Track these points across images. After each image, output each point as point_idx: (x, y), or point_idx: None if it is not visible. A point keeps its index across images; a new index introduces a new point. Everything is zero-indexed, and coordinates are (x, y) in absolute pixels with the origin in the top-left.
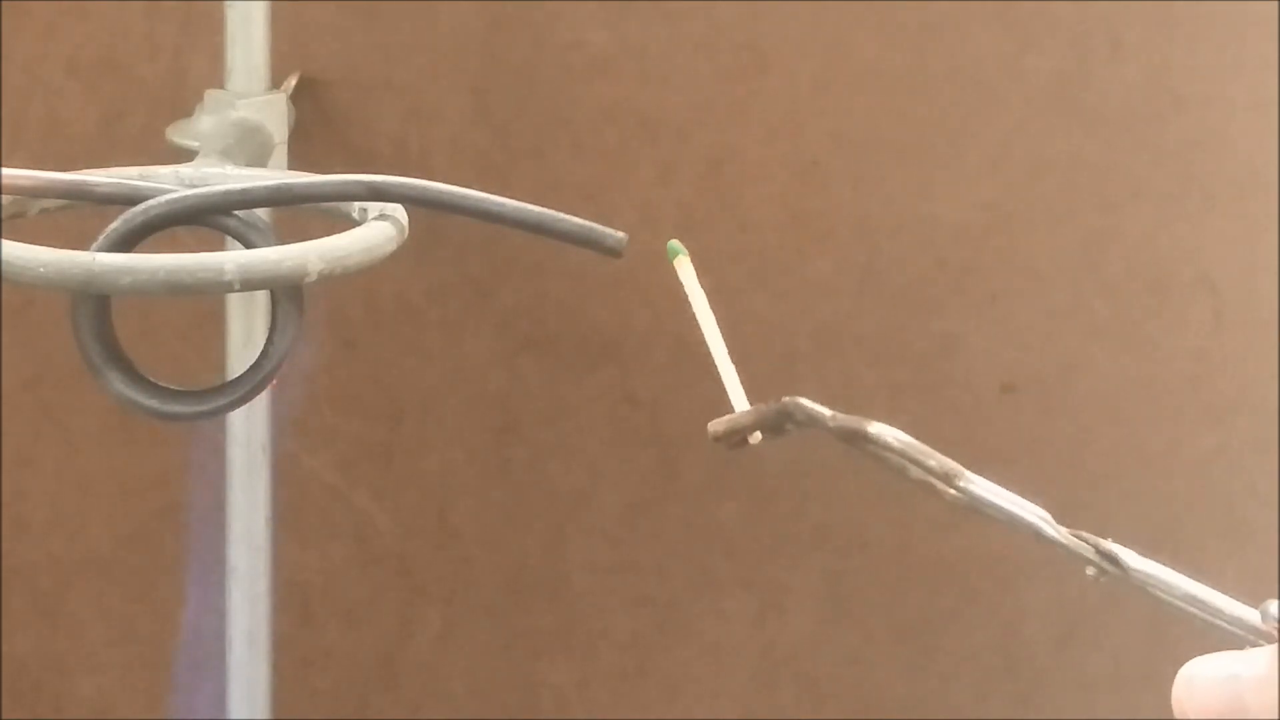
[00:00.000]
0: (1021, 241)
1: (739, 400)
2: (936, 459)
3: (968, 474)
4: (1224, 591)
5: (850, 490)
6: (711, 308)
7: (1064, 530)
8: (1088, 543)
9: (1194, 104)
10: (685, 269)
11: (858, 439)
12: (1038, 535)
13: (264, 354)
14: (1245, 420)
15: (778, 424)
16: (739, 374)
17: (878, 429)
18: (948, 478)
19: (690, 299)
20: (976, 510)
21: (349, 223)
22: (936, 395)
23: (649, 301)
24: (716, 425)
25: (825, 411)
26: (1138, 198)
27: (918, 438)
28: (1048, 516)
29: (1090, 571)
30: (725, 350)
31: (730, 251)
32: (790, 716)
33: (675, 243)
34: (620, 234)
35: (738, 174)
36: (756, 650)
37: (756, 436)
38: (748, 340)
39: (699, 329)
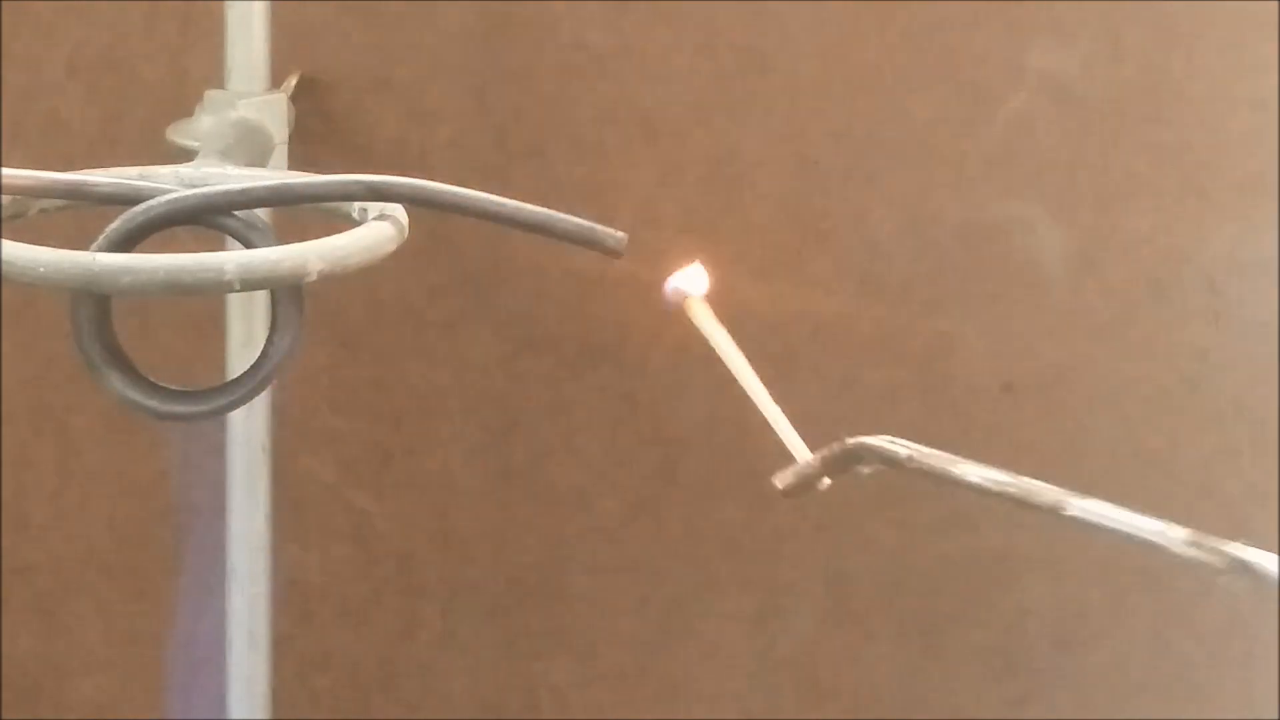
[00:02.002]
0: (1021, 241)
1: (799, 449)
2: (1041, 495)
3: (1071, 502)
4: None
5: (850, 490)
6: (709, 306)
7: (1188, 536)
8: (1215, 551)
9: (1194, 104)
10: (700, 312)
11: (945, 481)
12: (1160, 549)
13: (264, 354)
14: (1245, 420)
15: (845, 466)
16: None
17: (965, 470)
18: (1055, 510)
19: (717, 347)
20: (1089, 531)
21: (349, 223)
22: (936, 395)
23: (649, 301)
24: (784, 479)
25: (901, 451)
26: (1138, 198)
27: (918, 438)
28: (1167, 528)
29: (1223, 581)
30: (767, 395)
31: (730, 251)
32: (790, 716)
33: (682, 284)
34: (620, 234)
35: (738, 174)
36: (756, 650)
37: (825, 483)
38: (747, 340)
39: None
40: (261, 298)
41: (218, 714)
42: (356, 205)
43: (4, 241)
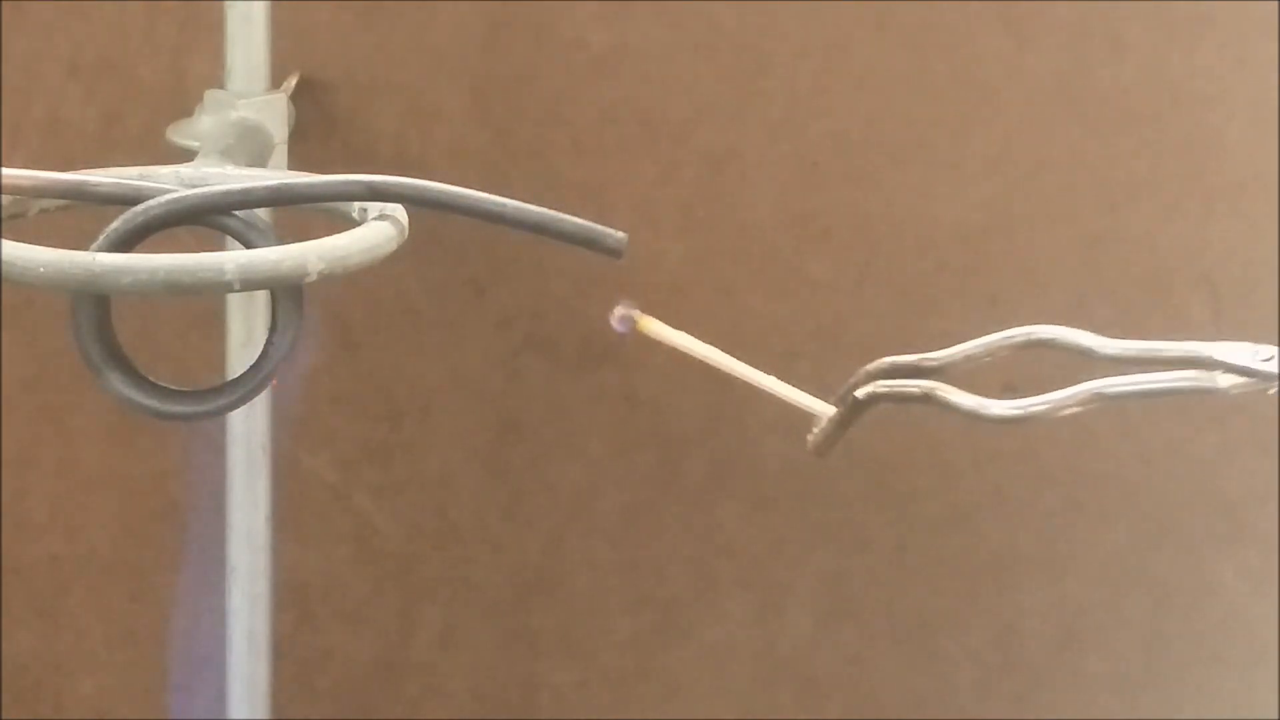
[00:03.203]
0: (1021, 241)
1: (817, 408)
2: (1074, 402)
3: (1107, 385)
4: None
5: (850, 490)
6: (712, 305)
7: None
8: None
9: (1194, 104)
10: (655, 327)
11: (964, 414)
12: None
13: (264, 354)
14: (1245, 420)
15: (863, 413)
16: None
17: (980, 404)
18: (1092, 398)
19: (691, 351)
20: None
21: (349, 223)
22: None
23: (649, 302)
24: (814, 441)
25: (915, 390)
26: (1138, 198)
27: (918, 437)
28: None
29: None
30: (762, 374)
31: (730, 251)
32: (790, 716)
33: (623, 311)
34: (620, 234)
35: (738, 174)
36: (756, 650)
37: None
38: (748, 340)
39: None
40: (261, 298)
41: (218, 714)
42: (356, 205)
43: (4, 241)
